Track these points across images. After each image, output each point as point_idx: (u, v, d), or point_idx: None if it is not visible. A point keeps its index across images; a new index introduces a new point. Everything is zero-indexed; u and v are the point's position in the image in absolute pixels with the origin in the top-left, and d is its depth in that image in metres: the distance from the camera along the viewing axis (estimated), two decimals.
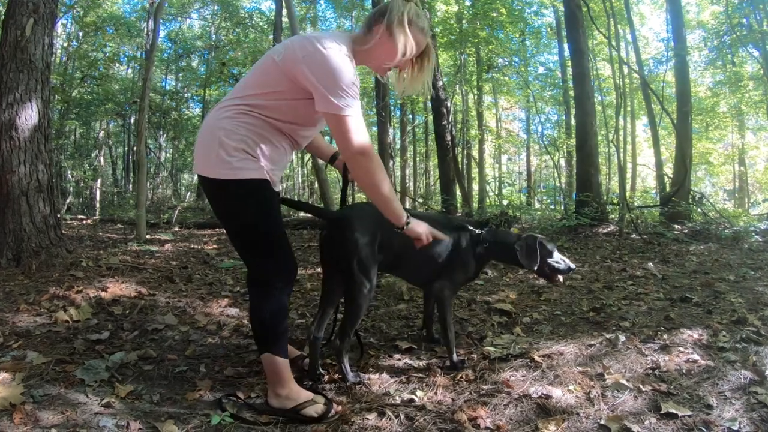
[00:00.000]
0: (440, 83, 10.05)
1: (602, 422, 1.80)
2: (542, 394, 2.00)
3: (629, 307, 3.41)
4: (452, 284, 2.44)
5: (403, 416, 1.88)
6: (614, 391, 2.03)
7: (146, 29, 14.55)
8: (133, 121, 17.35)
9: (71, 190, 15.92)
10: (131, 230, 8.91)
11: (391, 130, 12.77)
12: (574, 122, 11.03)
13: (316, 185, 12.44)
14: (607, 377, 2.15)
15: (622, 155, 11.00)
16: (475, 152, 18.20)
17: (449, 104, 11.16)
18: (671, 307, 3.38)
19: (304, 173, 22.01)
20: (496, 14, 11.46)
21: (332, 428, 1.83)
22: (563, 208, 11.08)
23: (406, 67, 1.91)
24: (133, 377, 2.23)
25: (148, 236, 7.44)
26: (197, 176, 1.89)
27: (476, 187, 18.26)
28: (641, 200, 13.59)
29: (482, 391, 2.06)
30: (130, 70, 19.14)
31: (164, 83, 20.19)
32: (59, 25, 14.33)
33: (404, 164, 18.38)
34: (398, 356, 2.53)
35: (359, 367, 2.37)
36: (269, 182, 1.87)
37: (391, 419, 1.86)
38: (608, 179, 14.98)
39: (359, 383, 2.18)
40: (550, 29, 16.38)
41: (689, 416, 1.82)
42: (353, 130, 1.71)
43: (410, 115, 18.37)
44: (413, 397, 2.03)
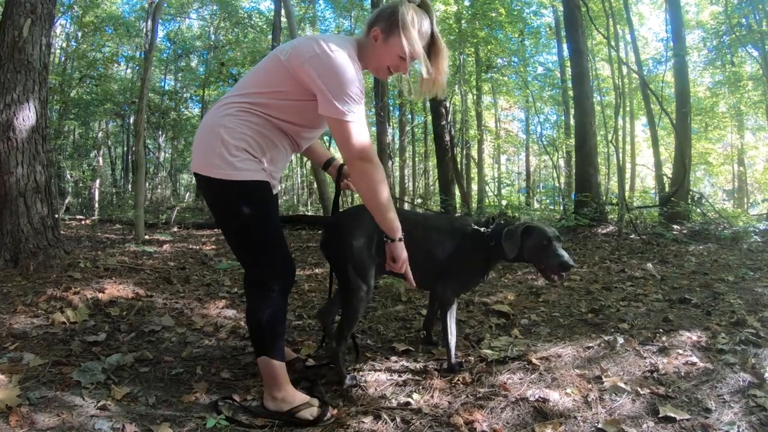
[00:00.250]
0: None
1: (600, 426, 1.79)
2: (539, 397, 1.99)
3: (628, 308, 3.40)
4: (457, 286, 2.37)
5: (399, 419, 1.87)
6: (612, 394, 2.02)
7: (145, 29, 14.54)
8: (132, 121, 17.32)
9: (70, 190, 15.93)
10: (130, 231, 8.90)
11: (390, 130, 12.75)
12: (573, 122, 11.03)
13: (315, 185, 12.43)
14: (605, 380, 2.14)
15: (621, 155, 10.97)
16: (474, 152, 18.20)
17: (448, 104, 11.15)
18: (670, 308, 3.38)
19: (303, 173, 22.01)
20: (495, 14, 11.46)
21: (328, 431, 1.83)
22: (562, 208, 11.09)
23: (406, 70, 1.86)
24: (129, 379, 2.23)
25: (146, 237, 7.44)
26: (194, 174, 1.86)
27: (475, 187, 18.26)
28: (640, 200, 13.60)
29: (479, 394, 2.06)
30: (129, 70, 19.11)
31: (163, 83, 20.17)
32: (58, 25, 14.32)
33: (403, 164, 18.38)
34: (395, 358, 2.52)
35: (355, 369, 2.36)
36: (269, 184, 1.86)
37: (387, 422, 1.85)
38: (607, 179, 14.98)
39: (355, 386, 2.17)
40: (549, 29, 16.37)
41: (687, 420, 1.81)
42: (356, 135, 1.70)
43: (409, 115, 18.36)
44: (409, 400, 2.02)
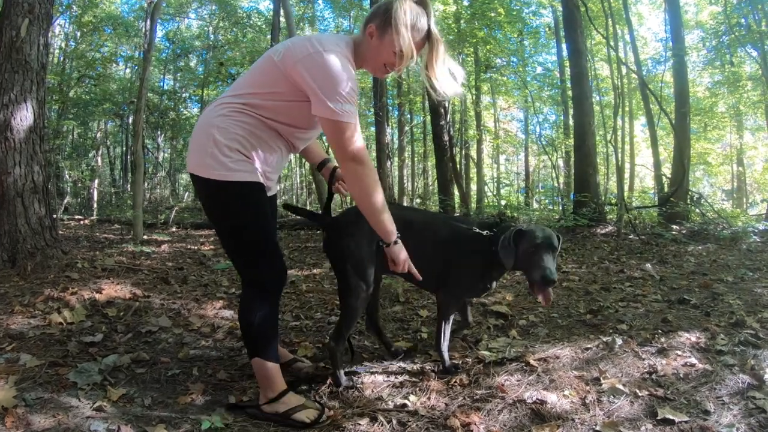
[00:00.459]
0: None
1: (597, 428, 1.78)
2: (537, 399, 1.98)
3: (626, 309, 3.39)
4: (457, 293, 2.27)
5: (395, 421, 1.87)
6: (610, 396, 2.01)
7: (144, 29, 14.51)
8: (131, 121, 17.28)
9: (69, 190, 15.90)
10: (128, 231, 8.89)
11: (389, 129, 12.75)
12: (572, 122, 11.03)
13: (314, 186, 12.42)
14: (603, 382, 2.12)
15: (620, 155, 10.97)
16: (473, 152, 18.19)
17: (447, 104, 11.12)
18: (669, 309, 3.36)
19: (302, 173, 21.99)
20: (494, 14, 11.43)
21: None
22: (561, 208, 11.07)
23: (401, 68, 1.79)
24: (125, 380, 2.23)
25: (144, 237, 7.42)
26: (190, 174, 1.85)
27: (474, 187, 18.25)
28: (639, 200, 13.61)
29: (476, 396, 2.04)
30: (127, 70, 19.09)
31: (162, 83, 20.14)
32: (56, 25, 14.29)
33: (402, 164, 18.36)
34: (392, 357, 2.51)
35: (351, 371, 2.35)
36: (263, 185, 1.85)
37: (383, 425, 1.85)
38: (606, 179, 14.94)
39: (351, 387, 2.16)
40: (548, 29, 16.35)
41: (686, 422, 1.80)
42: (348, 136, 1.68)
43: (408, 114, 18.33)
44: (406, 402, 2.01)
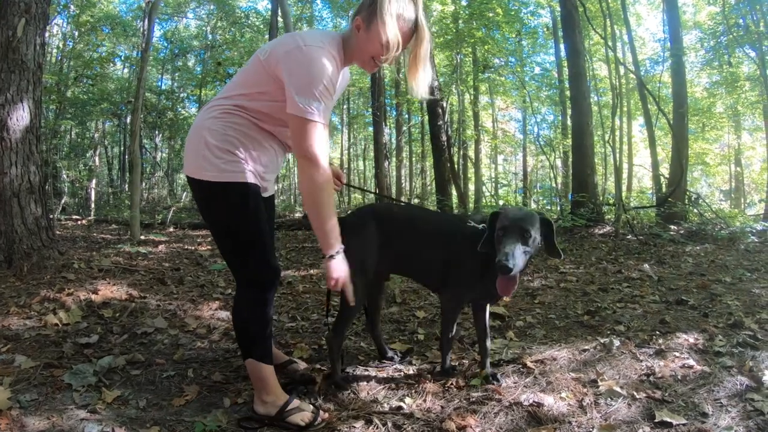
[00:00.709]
0: (436, 83, 10.02)
1: (594, 431, 1.77)
2: (534, 401, 1.97)
3: (624, 310, 3.39)
4: (459, 293, 2.13)
5: (390, 424, 1.85)
6: (607, 398, 2.00)
7: (142, 28, 14.49)
8: (128, 120, 17.22)
9: (66, 190, 15.83)
10: (125, 231, 8.87)
11: (387, 130, 12.73)
12: (570, 122, 11.02)
13: None
14: (600, 384, 2.12)
15: (618, 155, 10.95)
16: (471, 152, 18.18)
17: (445, 104, 11.13)
18: (667, 310, 3.36)
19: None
20: (492, 14, 11.42)
21: None
22: (559, 208, 11.06)
23: (388, 60, 1.74)
24: (120, 382, 2.22)
25: (142, 237, 7.41)
26: (186, 177, 1.85)
27: (472, 187, 18.22)
28: (637, 201, 13.59)
29: (472, 398, 2.03)
30: (125, 69, 19.05)
31: (160, 83, 20.11)
32: (54, 24, 14.26)
33: (400, 164, 18.36)
34: (388, 361, 2.50)
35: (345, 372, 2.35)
36: (257, 185, 1.83)
37: (378, 427, 1.84)
38: (604, 180, 14.94)
39: (346, 386, 2.16)
40: (546, 29, 16.33)
41: (684, 425, 1.79)
42: (311, 135, 1.65)
43: (406, 115, 18.32)
44: (402, 404, 2.00)
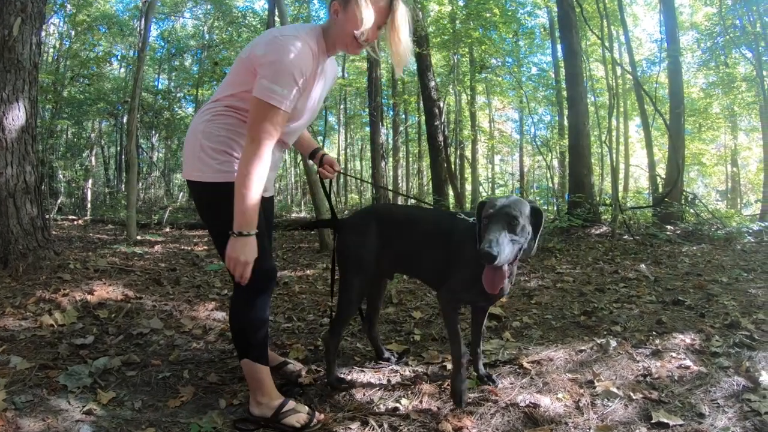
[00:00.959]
0: (433, 83, 10.02)
1: None
2: (530, 402, 1.97)
3: (621, 310, 3.39)
4: (454, 289, 2.01)
5: (386, 425, 1.85)
6: (604, 399, 2.00)
7: (139, 28, 14.44)
8: (125, 120, 17.18)
9: (62, 190, 15.78)
10: (122, 231, 8.84)
11: (383, 130, 12.74)
12: (567, 123, 11.04)
13: (308, 186, 12.40)
14: (597, 384, 2.12)
15: (614, 156, 10.99)
16: (468, 153, 18.20)
17: (442, 104, 11.12)
18: (663, 310, 3.36)
19: (297, 173, 21.94)
20: (489, 15, 11.44)
21: None
22: (556, 208, 11.09)
23: (374, 38, 1.77)
24: (115, 383, 2.21)
25: (138, 237, 7.38)
26: (185, 180, 1.87)
27: (469, 187, 18.23)
28: (634, 201, 13.61)
29: (468, 399, 2.03)
30: (122, 69, 18.99)
31: (157, 83, 20.04)
32: (50, 23, 14.19)
33: (397, 164, 18.35)
34: (385, 362, 2.49)
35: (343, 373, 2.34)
36: None
37: (374, 429, 1.83)
38: (601, 180, 14.96)
39: (340, 386, 2.16)
40: (543, 30, 16.34)
41: (681, 425, 1.79)
42: (265, 119, 1.64)
43: (403, 115, 18.32)
44: (398, 405, 2.00)
